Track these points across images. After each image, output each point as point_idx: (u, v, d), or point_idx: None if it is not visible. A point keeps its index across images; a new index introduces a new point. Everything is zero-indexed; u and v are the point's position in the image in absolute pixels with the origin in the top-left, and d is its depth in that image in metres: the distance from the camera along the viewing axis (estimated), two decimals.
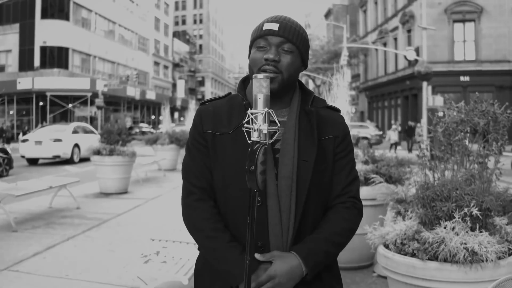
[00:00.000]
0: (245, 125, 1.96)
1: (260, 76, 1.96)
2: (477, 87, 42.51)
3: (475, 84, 43.45)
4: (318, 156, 2.27)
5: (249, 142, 1.91)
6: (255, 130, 1.89)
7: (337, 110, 2.47)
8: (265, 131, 1.89)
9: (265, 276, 2.11)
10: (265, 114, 1.91)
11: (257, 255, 2.15)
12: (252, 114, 1.92)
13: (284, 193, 2.20)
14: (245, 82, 2.44)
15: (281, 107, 2.32)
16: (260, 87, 1.95)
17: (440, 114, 5.22)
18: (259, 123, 1.89)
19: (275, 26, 2.24)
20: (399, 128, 35.74)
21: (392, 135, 34.76)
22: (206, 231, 2.28)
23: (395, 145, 34.16)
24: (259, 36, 2.26)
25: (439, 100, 34.37)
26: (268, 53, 2.21)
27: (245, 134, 2.01)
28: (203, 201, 2.32)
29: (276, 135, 2.04)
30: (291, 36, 2.24)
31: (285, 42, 2.23)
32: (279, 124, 1.97)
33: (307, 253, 2.18)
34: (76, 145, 25.52)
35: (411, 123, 36.59)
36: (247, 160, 1.88)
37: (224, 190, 2.29)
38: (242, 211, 2.17)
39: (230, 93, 2.47)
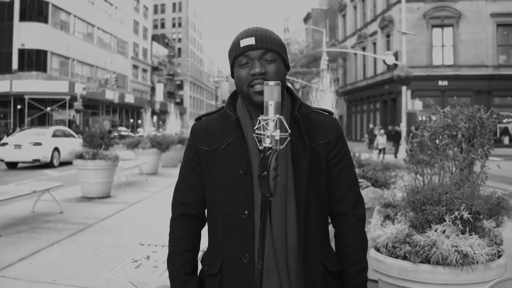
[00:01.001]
0: (256, 131, 1.99)
1: (272, 83, 1.99)
2: (455, 92, 43.09)
3: (453, 88, 43.93)
4: (311, 162, 2.28)
5: (261, 148, 1.94)
6: (267, 136, 1.92)
7: (330, 113, 2.48)
8: (277, 137, 1.93)
9: None
10: (277, 120, 1.95)
11: None
12: (263, 120, 1.96)
13: (278, 202, 2.21)
14: (235, 97, 2.45)
15: None
16: (272, 94, 1.98)
17: (426, 118, 5.28)
18: (271, 129, 1.93)
19: (251, 41, 2.25)
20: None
21: (380, 140, 34.56)
22: (168, 254, 2.44)
23: (383, 150, 33.92)
24: (240, 54, 2.27)
25: (418, 105, 34.64)
26: (253, 68, 2.23)
27: (240, 146, 2.15)
28: (177, 222, 2.44)
29: (286, 142, 2.05)
30: (270, 44, 2.26)
31: (266, 53, 2.25)
32: (289, 131, 2.00)
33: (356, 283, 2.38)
34: (56, 149, 25.31)
35: (397, 128, 36.52)
36: (259, 165, 1.91)
37: (216, 204, 2.33)
38: (233, 224, 2.24)
39: (223, 108, 2.49)
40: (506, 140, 43.85)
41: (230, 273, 2.25)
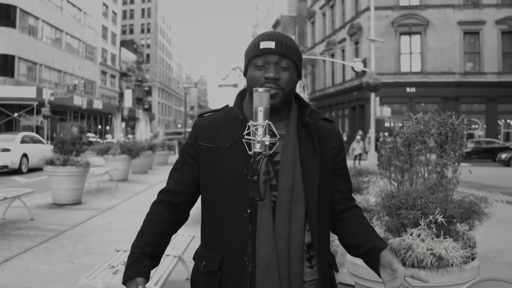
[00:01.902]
0: (245, 136, 2.05)
1: (261, 89, 2.04)
2: (423, 98, 43.63)
3: (421, 95, 44.48)
4: (320, 166, 2.34)
5: (250, 153, 1.99)
6: (257, 142, 1.97)
7: (332, 122, 2.56)
8: (267, 142, 1.98)
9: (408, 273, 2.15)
10: (266, 126, 2.00)
11: (396, 240, 2.20)
12: (253, 126, 2.01)
13: (283, 203, 2.26)
14: (242, 96, 2.48)
15: (279, 120, 2.36)
16: (261, 100, 2.03)
17: (399, 124, 5.40)
18: (260, 135, 1.98)
19: (272, 44, 2.29)
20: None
21: (357, 146, 34.33)
22: (140, 230, 2.40)
23: (359, 156, 33.73)
24: (257, 55, 2.30)
25: (386, 111, 35.01)
26: (268, 72, 2.26)
27: (245, 145, 2.09)
28: (156, 205, 2.44)
29: (275, 147, 2.10)
30: (288, 52, 2.30)
31: (283, 59, 2.29)
32: (278, 136, 2.06)
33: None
34: (25, 155, 25.05)
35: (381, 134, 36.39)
36: (249, 170, 1.95)
37: (218, 201, 2.34)
38: (235, 222, 2.25)
39: (227, 106, 2.52)
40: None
41: (230, 270, 2.26)
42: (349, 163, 8.87)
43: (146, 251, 2.32)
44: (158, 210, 2.42)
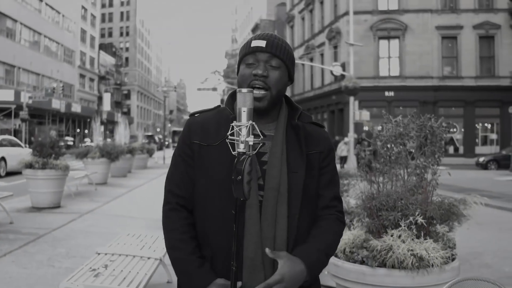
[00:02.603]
0: (229, 137, 2.07)
1: (244, 90, 2.07)
2: (402, 102, 43.89)
3: (399, 99, 44.72)
4: (307, 168, 2.37)
5: (234, 153, 2.02)
6: (241, 142, 2.00)
7: (322, 126, 2.58)
8: (251, 143, 2.01)
9: (276, 276, 2.18)
10: (249, 126, 2.03)
11: (267, 250, 2.21)
12: (236, 126, 2.03)
13: (269, 203, 2.28)
14: (233, 97, 2.48)
15: (268, 122, 2.40)
16: (245, 101, 2.06)
17: (379, 127, 5.43)
18: (244, 135, 2.01)
19: (262, 43, 2.33)
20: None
21: (344, 148, 34.06)
22: (171, 241, 2.38)
23: (345, 158, 33.62)
24: (248, 53, 2.35)
25: (365, 115, 35.14)
26: (257, 69, 2.29)
27: (229, 146, 2.13)
28: (176, 211, 2.41)
29: (259, 147, 2.12)
30: (278, 51, 2.33)
31: (273, 58, 2.32)
32: (261, 136, 2.08)
33: (311, 262, 2.28)
34: (3, 158, 24.82)
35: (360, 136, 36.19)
36: (233, 170, 1.97)
37: (207, 200, 2.35)
38: (224, 221, 2.25)
39: (219, 106, 2.55)
40: (451, 149, 44.92)
41: (220, 268, 2.28)
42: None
43: (199, 255, 2.32)
44: (180, 215, 2.41)
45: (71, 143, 59.45)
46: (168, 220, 2.42)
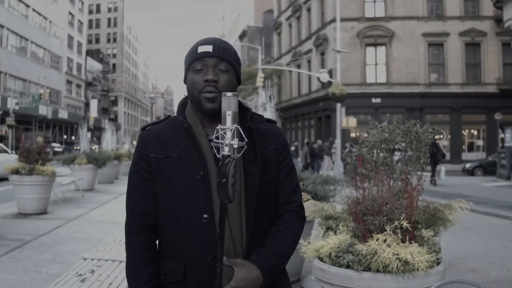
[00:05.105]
0: (214, 140, 2.08)
1: (229, 94, 2.08)
2: (388, 109, 44.03)
3: (386, 106, 44.86)
4: (262, 169, 2.38)
5: (219, 156, 2.02)
6: (226, 145, 2.01)
7: (274, 122, 2.62)
8: (235, 146, 2.03)
9: (232, 283, 2.21)
10: (234, 130, 2.05)
11: (224, 258, 2.21)
12: (221, 129, 2.05)
13: (234, 208, 2.29)
14: (184, 104, 2.51)
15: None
16: (229, 105, 2.07)
17: (365, 134, 5.47)
18: (229, 138, 2.02)
19: (209, 48, 2.35)
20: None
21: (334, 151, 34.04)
22: (129, 267, 2.41)
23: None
24: (196, 59, 2.36)
25: (352, 121, 35.28)
26: (207, 74, 2.31)
27: (195, 151, 2.25)
28: (135, 234, 2.40)
29: (243, 150, 2.12)
30: (226, 55, 2.36)
31: (221, 62, 2.35)
32: (246, 140, 2.09)
33: (267, 267, 2.30)
34: None
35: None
36: (218, 173, 1.98)
37: (174, 210, 2.34)
38: (195, 227, 2.28)
39: (169, 116, 2.54)
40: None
41: (194, 277, 2.29)
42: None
43: (153, 285, 2.34)
44: (140, 238, 2.39)
45: (59, 149, 59.11)
46: (128, 245, 2.42)
